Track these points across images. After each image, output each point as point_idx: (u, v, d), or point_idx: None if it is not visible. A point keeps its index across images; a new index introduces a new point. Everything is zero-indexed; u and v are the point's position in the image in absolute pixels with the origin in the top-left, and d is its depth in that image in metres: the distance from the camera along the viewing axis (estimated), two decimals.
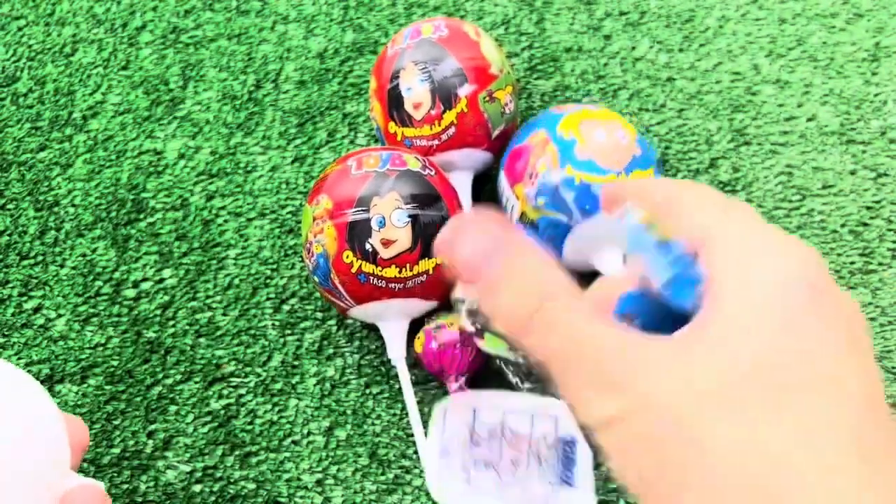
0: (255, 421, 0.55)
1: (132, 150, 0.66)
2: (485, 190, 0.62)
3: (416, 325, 0.55)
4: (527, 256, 0.24)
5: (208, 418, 0.55)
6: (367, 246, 0.50)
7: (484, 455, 0.42)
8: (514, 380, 0.53)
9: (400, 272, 0.51)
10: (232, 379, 0.56)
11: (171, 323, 0.58)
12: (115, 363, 0.57)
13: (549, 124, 0.54)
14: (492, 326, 0.25)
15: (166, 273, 0.60)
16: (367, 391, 0.55)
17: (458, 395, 0.49)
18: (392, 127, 0.58)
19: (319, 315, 0.58)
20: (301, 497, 0.52)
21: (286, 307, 0.59)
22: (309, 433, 0.54)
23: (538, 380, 0.53)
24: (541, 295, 0.24)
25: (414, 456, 0.53)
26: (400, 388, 0.55)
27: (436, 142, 0.57)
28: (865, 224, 0.60)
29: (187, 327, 0.58)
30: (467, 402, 0.44)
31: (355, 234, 0.50)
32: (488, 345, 0.53)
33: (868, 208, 0.60)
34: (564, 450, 0.48)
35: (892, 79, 0.66)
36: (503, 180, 0.56)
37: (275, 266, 0.60)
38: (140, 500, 0.52)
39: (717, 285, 0.24)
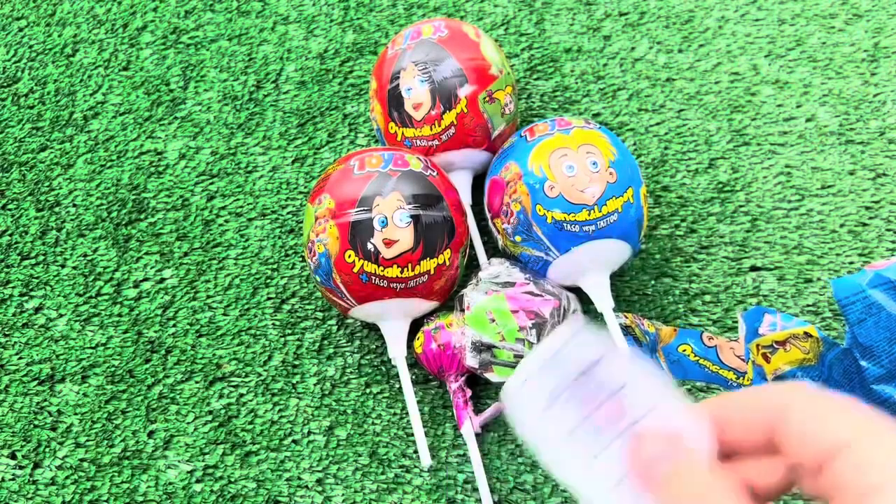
0: (256, 420, 0.55)
1: (133, 151, 0.66)
2: (485, 190, 0.62)
3: (416, 325, 0.55)
4: (690, 467, 0.28)
5: (209, 418, 0.55)
6: (370, 246, 0.50)
7: (582, 395, 0.38)
8: None
9: (402, 272, 0.51)
10: (232, 378, 0.56)
11: (172, 323, 0.58)
12: (115, 363, 0.57)
13: (520, 156, 0.53)
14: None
15: (167, 273, 0.60)
16: (368, 391, 0.56)
17: (596, 339, 0.44)
18: (392, 127, 0.58)
19: (320, 315, 0.58)
20: (301, 496, 0.52)
21: (286, 307, 0.59)
22: (309, 432, 0.54)
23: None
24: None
25: (414, 455, 0.53)
26: (400, 388, 0.55)
27: (436, 142, 0.57)
28: (864, 224, 0.60)
29: (188, 327, 0.58)
30: (599, 349, 0.40)
31: (357, 234, 0.50)
32: (500, 375, 0.54)
33: (867, 208, 0.61)
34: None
35: (891, 79, 0.66)
36: (486, 208, 0.57)
37: (275, 266, 0.60)
38: (140, 499, 0.52)
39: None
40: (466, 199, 0.59)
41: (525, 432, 0.34)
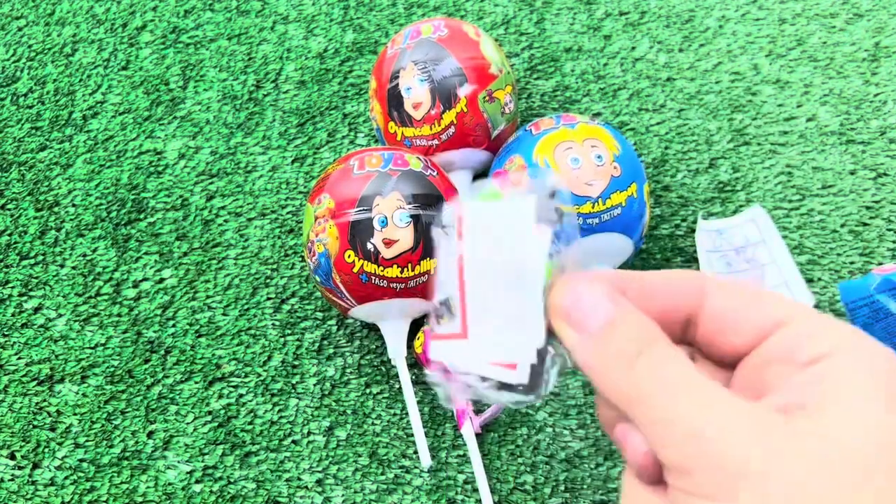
0: (255, 421, 0.55)
1: (132, 150, 0.66)
2: None
3: (416, 325, 0.55)
4: (627, 310, 0.25)
5: (208, 418, 0.55)
6: (369, 245, 0.50)
7: (733, 257, 0.57)
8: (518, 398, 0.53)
9: (402, 272, 0.51)
10: (232, 379, 0.56)
11: (172, 323, 0.58)
12: (115, 363, 0.57)
13: (525, 149, 0.54)
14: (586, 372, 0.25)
15: (166, 273, 0.60)
16: (367, 391, 0.55)
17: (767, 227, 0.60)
18: (392, 127, 0.58)
19: (319, 315, 0.58)
20: (301, 497, 0.52)
21: (286, 307, 0.59)
22: (309, 433, 0.54)
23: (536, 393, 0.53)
24: (640, 343, 0.24)
25: (414, 455, 0.53)
26: (400, 388, 0.55)
27: (435, 142, 0.57)
28: (865, 224, 0.60)
29: (187, 327, 0.58)
30: (764, 235, 0.59)
31: (357, 234, 0.50)
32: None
33: (868, 208, 0.61)
34: None
35: (891, 79, 0.66)
36: None
37: (275, 266, 0.60)
38: (140, 500, 0.52)
39: (829, 371, 0.22)
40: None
41: (699, 251, 0.57)
